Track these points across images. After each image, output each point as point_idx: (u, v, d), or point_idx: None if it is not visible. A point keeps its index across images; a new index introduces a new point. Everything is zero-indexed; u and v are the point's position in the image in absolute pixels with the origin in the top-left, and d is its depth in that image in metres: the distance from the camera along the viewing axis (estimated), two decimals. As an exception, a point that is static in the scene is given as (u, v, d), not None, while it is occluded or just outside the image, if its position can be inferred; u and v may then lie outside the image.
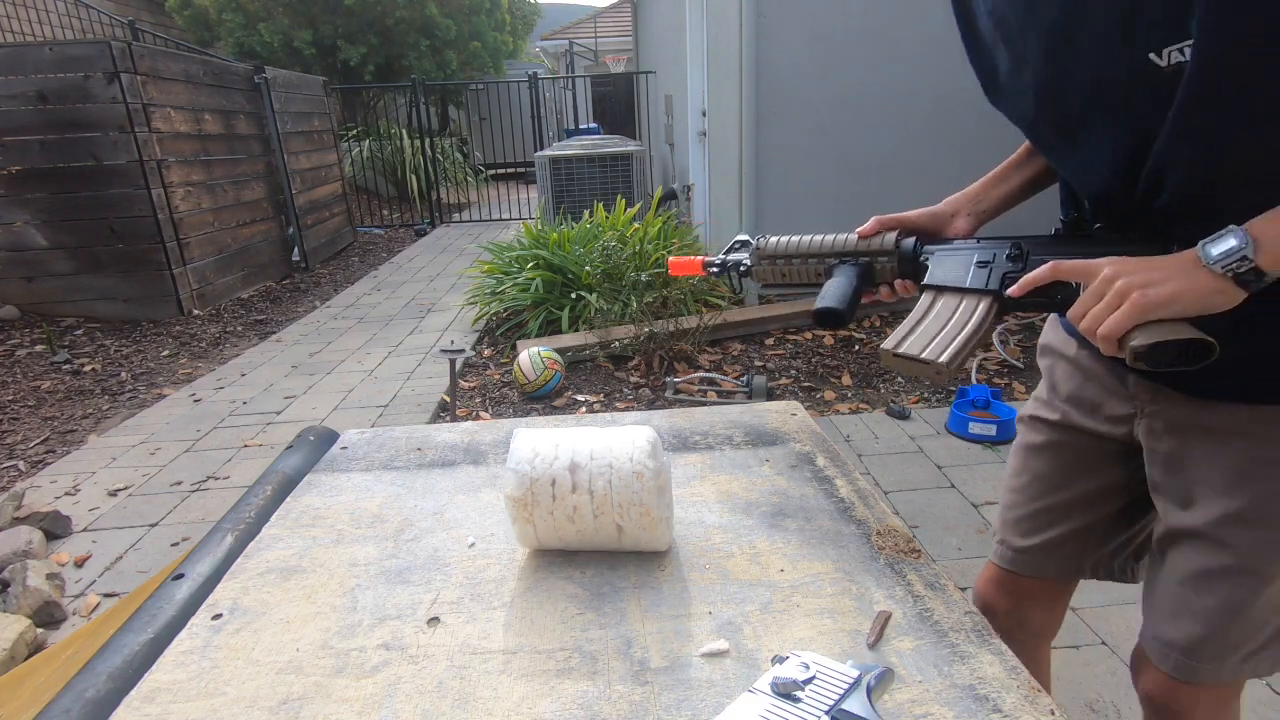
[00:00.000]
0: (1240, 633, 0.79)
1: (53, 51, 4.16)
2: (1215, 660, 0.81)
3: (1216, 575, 0.78)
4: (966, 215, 0.91)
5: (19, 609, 1.85)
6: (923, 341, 0.77)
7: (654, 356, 3.45)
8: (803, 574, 0.69)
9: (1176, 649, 0.83)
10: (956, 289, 0.80)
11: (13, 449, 2.99)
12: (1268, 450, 0.74)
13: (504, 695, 0.55)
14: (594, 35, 14.82)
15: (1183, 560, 0.81)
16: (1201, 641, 0.81)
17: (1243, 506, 0.75)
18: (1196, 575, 0.80)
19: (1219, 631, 0.79)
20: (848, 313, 0.84)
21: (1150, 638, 0.86)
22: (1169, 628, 0.83)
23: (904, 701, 0.53)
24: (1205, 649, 0.81)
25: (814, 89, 3.91)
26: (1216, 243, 0.61)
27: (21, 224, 4.31)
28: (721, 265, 0.97)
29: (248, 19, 9.45)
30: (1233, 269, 0.60)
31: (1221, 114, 0.62)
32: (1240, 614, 0.78)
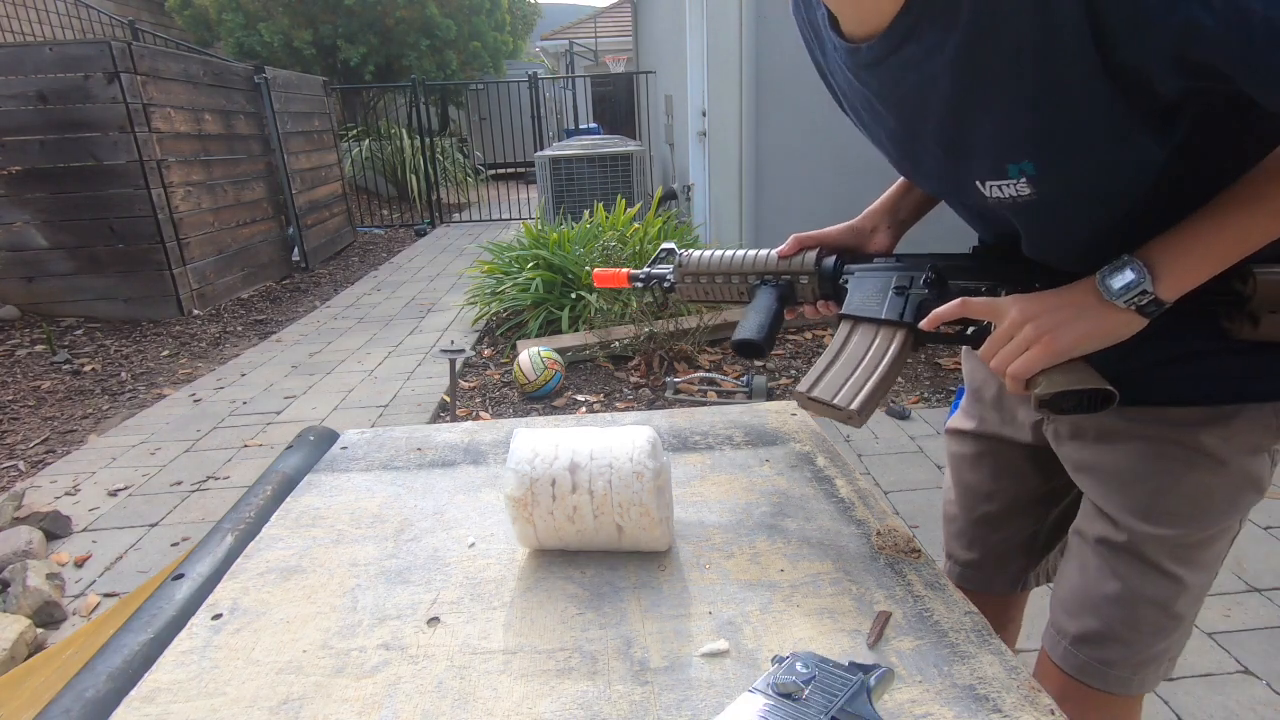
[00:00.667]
0: (1133, 631, 0.78)
1: (53, 51, 4.16)
2: (1102, 659, 0.80)
3: (1115, 568, 0.78)
4: (887, 229, 0.92)
5: (19, 609, 1.85)
6: (836, 384, 0.78)
7: (654, 356, 3.45)
8: (803, 574, 0.69)
9: (1067, 637, 0.82)
10: (872, 320, 0.80)
11: (13, 449, 2.99)
12: (1164, 448, 0.74)
13: (504, 695, 0.55)
14: (594, 35, 14.83)
15: (1087, 553, 0.81)
16: (1095, 635, 0.80)
17: (1142, 503, 0.75)
18: (1097, 568, 0.80)
19: (1113, 625, 0.79)
20: (765, 343, 0.84)
21: (1048, 626, 0.86)
22: (1067, 619, 0.83)
23: (904, 701, 0.53)
24: (1097, 642, 0.80)
25: (813, 89, 3.88)
26: (1115, 275, 0.62)
27: (21, 224, 4.31)
28: (646, 279, 0.96)
29: (248, 19, 9.45)
30: (1135, 302, 0.62)
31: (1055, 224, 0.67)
32: (1134, 608, 0.77)
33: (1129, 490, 0.77)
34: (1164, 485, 0.75)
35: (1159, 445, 0.74)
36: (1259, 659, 1.60)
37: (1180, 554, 0.76)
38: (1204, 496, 0.74)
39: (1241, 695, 1.51)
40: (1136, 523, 0.76)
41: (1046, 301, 0.67)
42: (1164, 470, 0.74)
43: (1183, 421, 0.73)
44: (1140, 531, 0.76)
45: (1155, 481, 0.75)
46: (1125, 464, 0.77)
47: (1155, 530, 0.75)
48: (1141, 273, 0.61)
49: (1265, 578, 1.86)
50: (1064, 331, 0.65)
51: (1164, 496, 0.75)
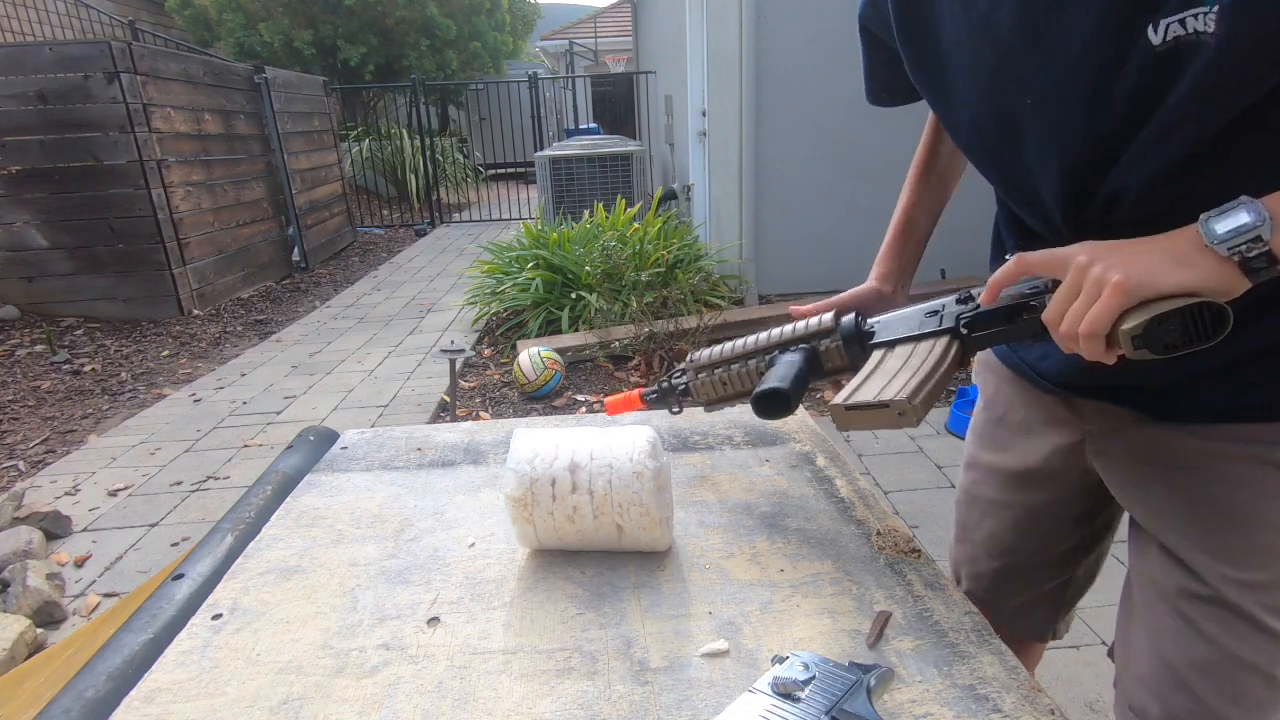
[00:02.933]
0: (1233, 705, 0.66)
1: (52, 51, 4.16)
2: None
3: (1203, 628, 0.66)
4: (903, 287, 0.85)
5: (19, 609, 1.85)
6: (877, 387, 0.67)
7: (654, 356, 3.45)
8: (803, 574, 0.69)
9: None
10: (908, 338, 0.71)
11: (13, 449, 2.99)
12: (1252, 472, 0.62)
13: (504, 695, 0.55)
14: (594, 35, 14.82)
15: (1162, 613, 0.69)
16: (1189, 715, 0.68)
17: (1229, 543, 0.64)
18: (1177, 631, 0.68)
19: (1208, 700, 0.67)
20: (793, 391, 0.71)
21: (1121, 709, 0.73)
22: (1148, 698, 0.70)
23: (904, 701, 0.53)
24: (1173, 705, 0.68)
25: (814, 88, 3.91)
26: (1224, 218, 0.49)
27: (22, 224, 4.31)
28: (660, 391, 0.87)
29: (248, 19, 9.45)
30: (1240, 251, 0.48)
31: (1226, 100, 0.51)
32: (1233, 676, 0.66)
33: (1210, 528, 0.64)
34: (1255, 518, 0.62)
35: (1246, 469, 0.62)
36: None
37: None
38: None
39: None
40: (1225, 567, 0.64)
41: (1119, 244, 0.53)
42: (1253, 500, 0.62)
43: (1273, 439, 0.61)
44: (1230, 578, 0.64)
45: (1243, 514, 0.63)
46: (1202, 494, 0.64)
47: (1247, 575, 0.63)
48: (1260, 215, 0.47)
49: None
50: (1141, 272, 0.50)
51: (1256, 533, 0.62)
